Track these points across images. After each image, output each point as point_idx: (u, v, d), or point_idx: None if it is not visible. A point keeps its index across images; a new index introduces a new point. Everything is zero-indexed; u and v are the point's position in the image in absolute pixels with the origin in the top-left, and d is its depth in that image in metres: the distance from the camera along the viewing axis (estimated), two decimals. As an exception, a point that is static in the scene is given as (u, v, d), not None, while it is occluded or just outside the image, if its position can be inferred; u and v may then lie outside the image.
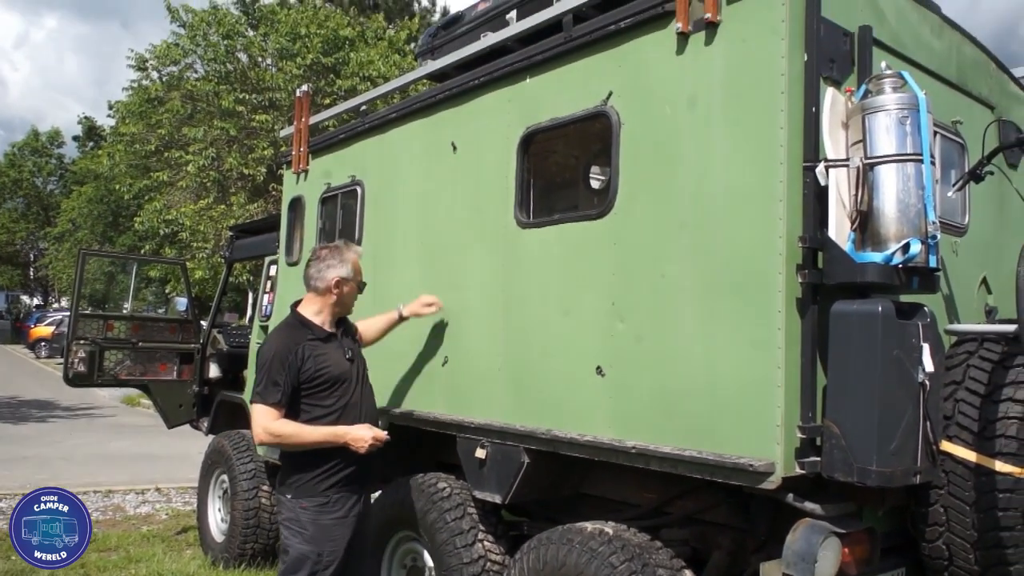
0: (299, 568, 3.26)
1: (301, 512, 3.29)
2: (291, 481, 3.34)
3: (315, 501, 3.31)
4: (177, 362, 7.03)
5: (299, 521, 3.29)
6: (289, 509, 3.32)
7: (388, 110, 4.54)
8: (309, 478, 3.32)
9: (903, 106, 2.48)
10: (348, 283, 3.50)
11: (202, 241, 17.29)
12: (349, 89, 16.01)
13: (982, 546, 2.57)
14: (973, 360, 2.74)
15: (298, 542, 3.27)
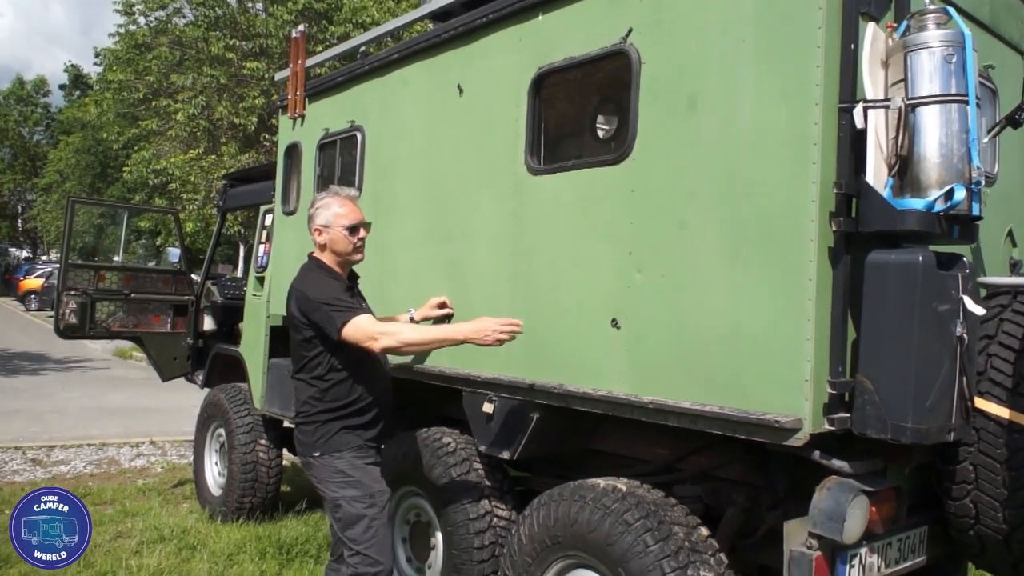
0: (358, 517, 3.11)
1: (338, 462, 3.15)
2: (316, 440, 3.19)
3: (347, 450, 3.18)
4: (171, 314, 6.89)
5: (340, 471, 3.15)
6: (324, 467, 3.17)
7: (389, 51, 4.35)
8: (335, 432, 3.18)
9: (948, 43, 2.33)
10: (328, 230, 3.27)
11: (192, 192, 17.04)
12: (342, 35, 15.62)
13: (1012, 504, 2.49)
14: (1007, 314, 2.63)
15: (345, 491, 3.13)
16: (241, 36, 16.52)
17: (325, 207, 3.28)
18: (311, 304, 3.12)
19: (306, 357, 3.21)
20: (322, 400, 3.19)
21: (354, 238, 3.27)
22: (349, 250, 3.28)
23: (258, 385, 5.62)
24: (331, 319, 3.08)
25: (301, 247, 5.07)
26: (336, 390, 3.19)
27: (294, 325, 3.23)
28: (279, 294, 5.38)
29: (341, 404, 3.18)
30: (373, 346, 3.07)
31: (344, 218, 3.26)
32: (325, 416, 3.18)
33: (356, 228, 3.28)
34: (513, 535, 3.30)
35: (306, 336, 3.18)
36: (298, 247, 5.13)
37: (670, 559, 2.70)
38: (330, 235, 3.26)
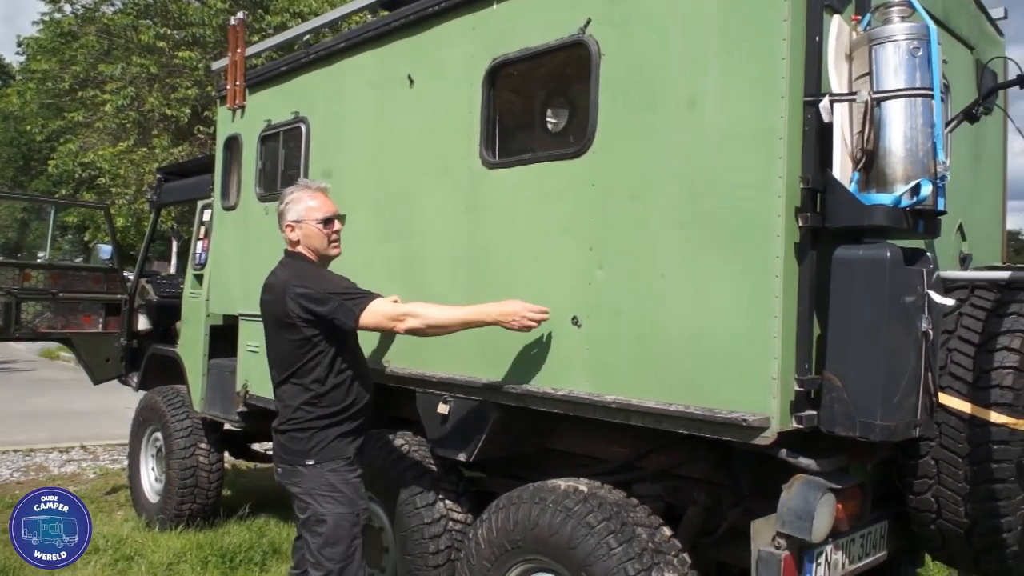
0: (341, 534, 2.97)
1: (331, 475, 3.00)
2: (311, 448, 3.01)
3: (341, 461, 3.04)
4: (102, 314, 6.60)
5: (331, 485, 2.99)
6: (315, 477, 3.00)
7: (336, 40, 4.20)
8: (332, 439, 3.03)
9: (914, 36, 2.31)
10: (301, 225, 3.12)
11: (123, 186, 16.41)
12: (278, 25, 15.19)
13: (974, 498, 2.50)
14: (965, 308, 2.64)
15: (334, 507, 2.98)
16: (173, 25, 15.94)
17: (296, 201, 3.13)
18: (319, 297, 2.95)
19: (302, 359, 3.01)
20: (318, 406, 3.02)
21: (328, 231, 3.13)
22: (325, 244, 3.13)
23: (197, 387, 5.41)
24: (346, 309, 2.93)
25: (242, 243, 4.89)
26: (334, 394, 3.03)
27: (289, 325, 3.00)
28: (219, 292, 5.18)
29: (337, 409, 3.03)
30: (397, 328, 2.97)
31: (317, 211, 3.11)
32: (322, 423, 3.01)
33: (330, 221, 3.14)
34: (470, 539, 3.21)
35: (306, 335, 2.99)
36: (239, 243, 4.94)
37: (634, 561, 2.65)
38: (303, 230, 3.11)
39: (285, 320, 3.01)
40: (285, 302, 2.99)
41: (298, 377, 3.04)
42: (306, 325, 2.98)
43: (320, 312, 2.95)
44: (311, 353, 3.01)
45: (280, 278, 3.08)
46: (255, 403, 4.66)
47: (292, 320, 2.98)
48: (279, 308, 3.02)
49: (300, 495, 3.03)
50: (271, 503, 6.03)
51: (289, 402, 3.06)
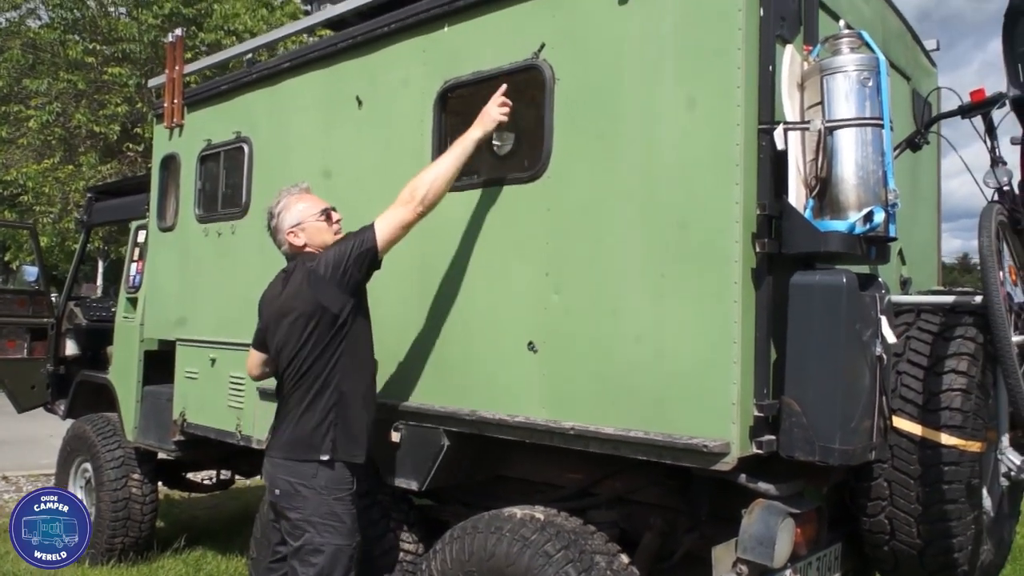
0: (335, 568, 2.88)
1: (336, 504, 2.92)
2: (325, 444, 2.92)
3: (348, 487, 2.98)
4: (27, 338, 6.31)
5: (334, 514, 2.91)
6: (321, 500, 2.90)
7: (280, 59, 4.11)
8: (350, 433, 2.96)
9: (864, 67, 2.37)
10: (304, 226, 3.09)
11: (47, 204, 15.82)
12: (212, 43, 14.95)
13: (926, 520, 2.54)
14: (912, 332, 2.70)
15: (333, 537, 2.88)
16: (102, 40, 15.51)
17: (287, 208, 3.12)
18: (335, 260, 2.92)
19: (319, 353, 2.93)
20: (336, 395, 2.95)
21: (331, 222, 3.13)
22: (332, 236, 3.11)
23: (130, 415, 5.20)
24: (359, 242, 2.92)
25: (180, 265, 4.73)
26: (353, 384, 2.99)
27: (322, 311, 2.92)
28: (155, 316, 5.00)
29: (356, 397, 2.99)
30: (417, 209, 2.91)
31: (313, 207, 3.12)
32: (340, 412, 2.95)
33: (329, 212, 3.14)
34: (423, 571, 3.13)
35: (340, 317, 2.93)
36: (177, 265, 4.78)
37: (593, 590, 2.61)
38: (307, 230, 3.10)
39: (319, 306, 2.92)
40: (310, 288, 2.94)
41: (322, 376, 2.95)
42: (342, 291, 2.92)
43: (345, 271, 2.90)
44: (339, 339, 2.95)
45: (297, 277, 3.01)
46: (193, 431, 4.50)
47: (325, 303, 2.91)
48: (307, 299, 2.94)
49: (298, 521, 2.91)
50: (207, 535, 5.82)
51: (301, 408, 2.96)
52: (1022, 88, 2.78)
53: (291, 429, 2.98)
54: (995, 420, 2.76)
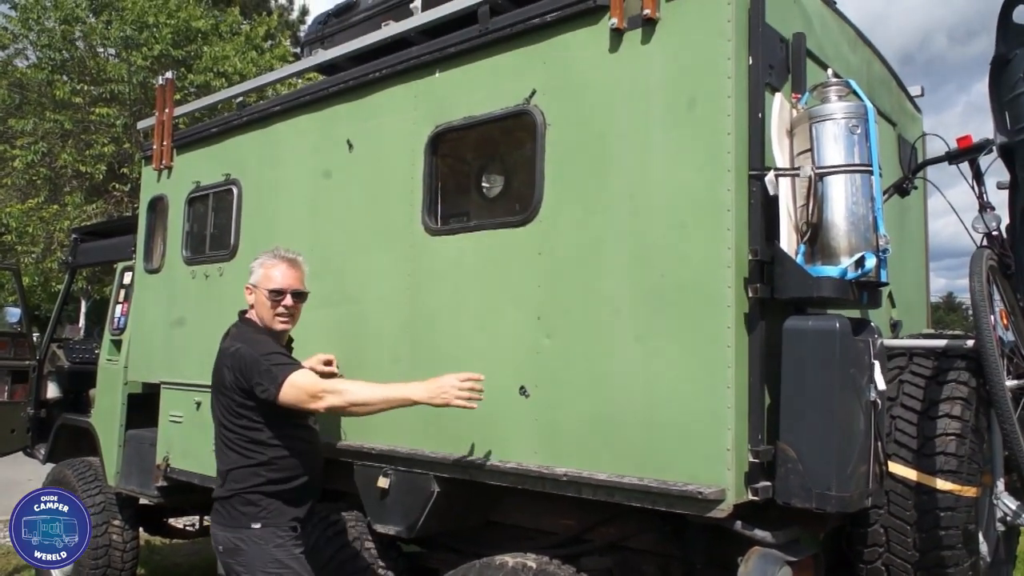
0: None
1: (277, 551, 2.82)
2: (258, 512, 2.85)
3: (288, 534, 2.88)
4: (8, 381, 6.21)
5: (278, 560, 2.81)
6: (260, 553, 2.81)
7: (271, 102, 4.13)
8: (278, 508, 2.88)
9: (852, 115, 2.40)
10: (255, 291, 3.06)
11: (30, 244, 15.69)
12: (202, 85, 14.99)
13: (923, 566, 2.52)
14: (905, 375, 2.70)
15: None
16: (90, 80, 15.54)
17: (258, 266, 3.09)
18: (247, 361, 2.85)
19: (243, 425, 2.90)
20: (262, 472, 2.88)
21: (275, 304, 3.02)
22: (270, 316, 3.03)
23: (112, 459, 5.11)
24: (270, 374, 2.80)
25: (166, 308, 4.69)
26: (279, 463, 2.90)
27: (227, 390, 2.91)
28: (139, 358, 4.94)
29: (283, 476, 2.90)
30: (316, 406, 2.81)
31: (270, 281, 3.03)
32: (269, 488, 2.88)
33: (280, 293, 3.03)
34: (413, 621, 3.07)
35: (243, 402, 2.88)
36: (163, 308, 4.74)
37: (588, 641, 2.56)
38: (256, 297, 3.06)
39: (224, 386, 2.93)
40: (223, 370, 2.94)
41: (241, 440, 2.91)
42: (241, 393, 2.88)
43: (248, 376, 2.84)
44: (257, 419, 2.90)
45: (226, 343, 3.02)
46: (177, 476, 4.42)
47: (229, 385, 2.91)
48: (218, 370, 2.97)
49: (241, 570, 2.84)
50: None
51: (232, 466, 2.92)
52: (1008, 134, 2.82)
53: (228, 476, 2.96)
54: (990, 464, 2.75)
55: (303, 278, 3.13)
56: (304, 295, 3.13)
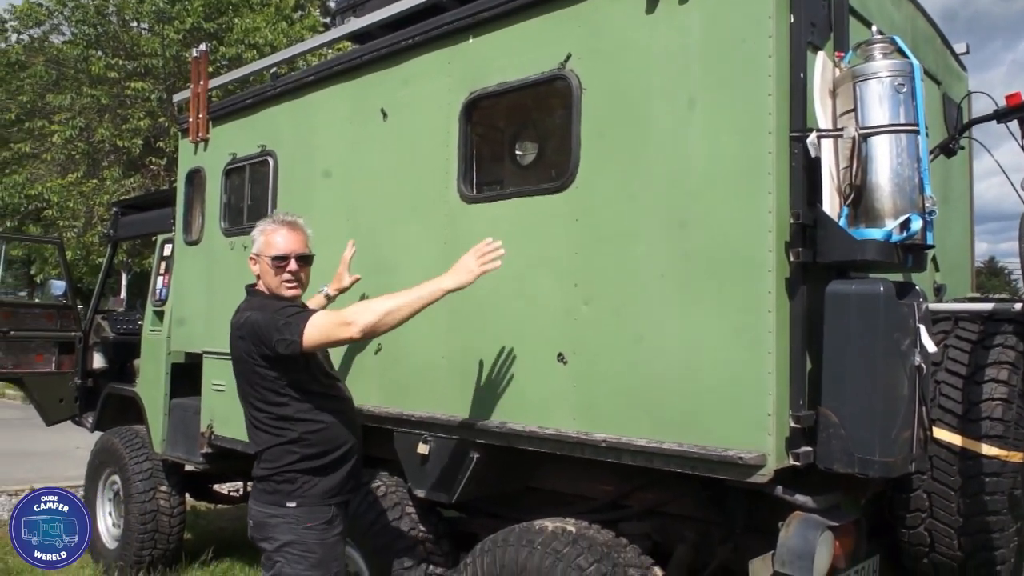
0: None
1: (307, 533, 2.76)
2: (295, 490, 2.79)
3: (323, 517, 2.80)
4: (56, 352, 6.36)
5: (305, 544, 2.76)
6: (291, 530, 2.76)
7: (305, 72, 4.13)
8: (316, 485, 2.81)
9: (898, 73, 2.34)
10: (259, 259, 2.95)
11: (71, 219, 16.00)
12: (233, 57, 15.07)
13: (967, 531, 2.50)
14: (950, 340, 2.66)
15: (304, 568, 2.74)
16: (124, 55, 15.69)
17: (259, 234, 2.97)
18: (261, 324, 2.75)
19: (271, 400, 2.83)
20: (293, 450, 2.80)
21: (280, 270, 2.89)
22: (276, 283, 2.90)
23: (158, 427, 5.23)
24: (289, 326, 2.70)
25: (206, 279, 4.76)
26: (310, 437, 2.82)
27: (247, 368, 2.83)
28: (181, 329, 5.03)
29: (316, 452, 2.82)
30: (350, 332, 2.68)
31: (272, 248, 2.90)
32: (303, 466, 2.80)
33: (283, 259, 2.89)
34: (454, 584, 3.11)
35: (265, 373, 2.80)
36: (202, 279, 4.81)
37: (627, 604, 2.58)
38: (260, 265, 2.95)
39: (244, 362, 2.85)
40: (238, 343, 2.85)
41: (270, 419, 2.85)
42: (263, 363, 2.80)
43: (268, 342, 2.73)
44: (282, 391, 2.82)
45: (236, 317, 2.91)
46: (221, 443, 4.51)
47: (251, 358, 2.82)
48: (235, 350, 2.88)
49: (270, 552, 2.82)
50: (234, 546, 5.83)
51: (264, 446, 2.88)
52: (1060, 91, 2.73)
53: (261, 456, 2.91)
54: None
55: (307, 241, 3.00)
56: (309, 258, 2.99)
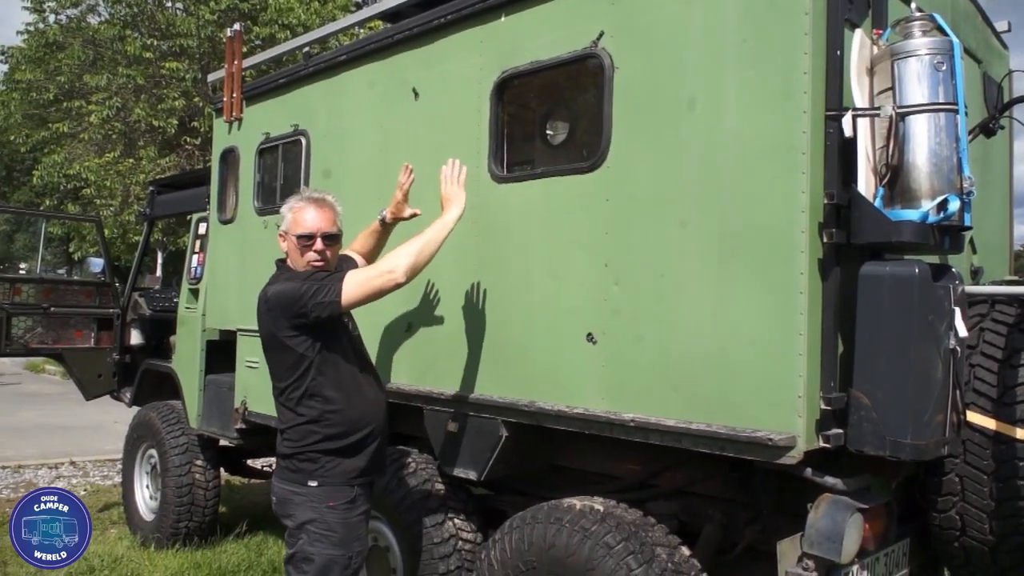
0: (328, 574, 2.78)
1: (328, 512, 2.78)
2: (316, 470, 2.81)
3: (344, 496, 2.82)
4: (94, 328, 6.49)
5: (326, 523, 2.77)
6: (313, 508, 2.78)
7: (337, 52, 4.15)
8: (339, 465, 2.82)
9: (937, 51, 2.30)
10: (287, 237, 2.94)
11: (108, 197, 16.24)
12: (267, 37, 15.13)
13: (999, 516, 2.47)
14: (986, 323, 2.62)
15: (325, 547, 2.76)
16: (160, 35, 15.83)
17: (287, 211, 2.96)
18: (289, 293, 2.75)
19: (297, 378, 2.82)
20: (317, 429, 2.81)
21: (307, 250, 2.87)
22: (302, 263, 2.88)
23: (194, 403, 5.32)
24: (323, 289, 2.71)
25: (240, 257, 4.82)
26: (334, 416, 2.82)
27: (275, 342, 2.84)
28: (216, 307, 5.11)
29: (340, 432, 2.82)
30: (394, 278, 2.72)
31: (298, 226, 2.89)
32: (326, 446, 2.80)
33: (310, 238, 2.86)
34: (482, 560, 3.15)
35: (297, 351, 2.79)
36: (237, 257, 4.87)
37: (655, 583, 2.60)
38: (288, 243, 2.94)
39: (272, 336, 2.85)
40: (264, 317, 2.85)
41: (298, 396, 2.84)
42: (290, 337, 2.79)
43: (297, 312, 2.73)
44: (306, 368, 2.82)
45: (262, 292, 2.89)
46: (254, 419, 4.59)
47: (276, 334, 2.82)
48: (262, 325, 2.88)
49: (292, 529, 2.84)
50: (267, 520, 5.93)
51: (288, 425, 2.89)
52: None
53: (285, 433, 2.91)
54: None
55: (336, 218, 2.95)
56: (336, 236, 2.94)
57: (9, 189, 28.81)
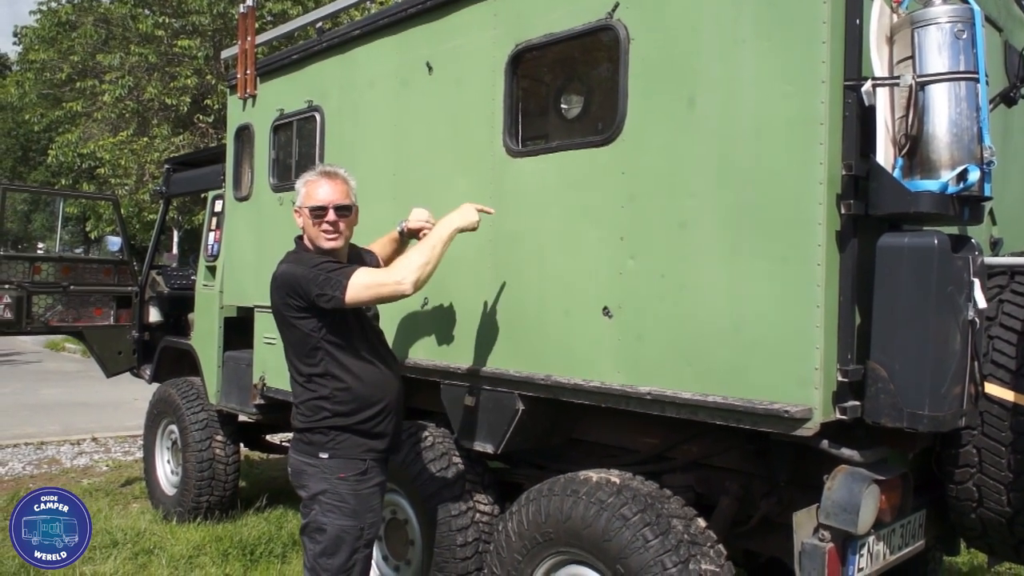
0: (339, 547, 2.82)
1: (340, 483, 2.83)
2: (328, 442, 2.85)
3: (356, 469, 2.86)
4: (113, 306, 6.56)
5: (338, 495, 2.83)
6: (325, 480, 2.84)
7: (350, 27, 4.13)
8: (349, 439, 2.87)
9: (958, 19, 2.26)
10: (301, 212, 2.95)
11: (123, 176, 16.31)
12: (279, 13, 15.07)
13: (1017, 488, 2.47)
14: (1006, 295, 2.60)
15: (337, 517, 2.82)
16: (171, 13, 15.80)
17: (301, 186, 2.98)
18: (297, 277, 2.79)
19: (308, 354, 2.87)
20: (328, 406, 2.86)
21: (320, 222, 2.87)
22: (315, 235, 2.89)
23: (212, 379, 5.38)
24: (330, 281, 2.74)
25: (256, 234, 4.85)
26: (345, 393, 2.86)
27: (284, 321, 2.89)
28: (233, 284, 5.14)
29: (352, 408, 2.87)
30: (403, 290, 2.78)
31: (311, 199, 2.90)
32: (338, 421, 2.86)
33: (322, 210, 2.87)
34: (500, 532, 3.18)
35: (305, 329, 2.84)
36: (253, 234, 4.90)
37: (671, 554, 2.62)
38: (303, 217, 2.95)
39: (280, 315, 2.90)
40: (274, 295, 2.89)
41: (308, 373, 2.89)
42: (299, 316, 2.83)
43: (306, 294, 2.77)
44: (315, 347, 2.86)
45: (275, 271, 2.93)
46: (272, 395, 4.63)
47: (287, 313, 2.86)
48: (272, 303, 2.92)
49: (306, 500, 2.90)
50: (287, 494, 6.00)
51: (300, 399, 2.94)
52: None
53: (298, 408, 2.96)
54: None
55: (348, 191, 2.95)
56: (349, 208, 2.93)
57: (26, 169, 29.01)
